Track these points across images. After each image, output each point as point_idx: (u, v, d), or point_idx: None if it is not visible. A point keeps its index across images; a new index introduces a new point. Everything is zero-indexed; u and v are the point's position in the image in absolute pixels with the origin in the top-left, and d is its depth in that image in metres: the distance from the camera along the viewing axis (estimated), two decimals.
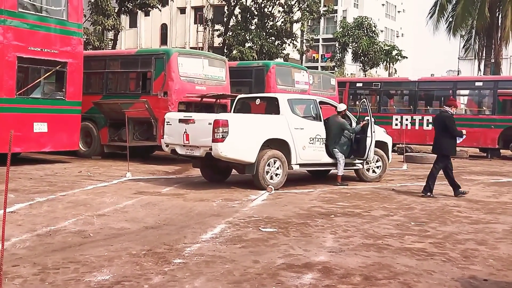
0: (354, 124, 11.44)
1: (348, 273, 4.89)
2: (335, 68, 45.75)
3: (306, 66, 26.47)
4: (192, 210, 7.74)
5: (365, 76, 43.10)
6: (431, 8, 33.64)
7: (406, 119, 21.41)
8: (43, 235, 5.99)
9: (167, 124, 10.42)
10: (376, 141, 11.80)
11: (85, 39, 22.32)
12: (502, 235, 6.76)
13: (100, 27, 26.02)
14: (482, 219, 7.84)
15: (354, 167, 11.66)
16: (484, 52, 33.26)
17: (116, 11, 27.09)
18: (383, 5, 66.21)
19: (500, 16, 31.36)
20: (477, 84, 22.07)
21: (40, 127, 12.52)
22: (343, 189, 10.46)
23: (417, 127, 21.15)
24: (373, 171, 11.90)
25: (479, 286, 4.70)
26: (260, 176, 9.82)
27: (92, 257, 5.13)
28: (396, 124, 21.39)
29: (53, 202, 8.02)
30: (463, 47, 36.71)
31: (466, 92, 22.87)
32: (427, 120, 20.98)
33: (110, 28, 26.44)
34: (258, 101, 11.55)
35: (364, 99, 19.02)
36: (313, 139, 10.62)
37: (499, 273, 5.09)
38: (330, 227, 6.86)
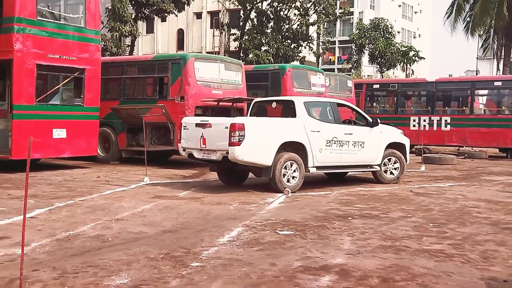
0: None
1: (365, 275, 4.87)
2: (352, 70, 45.63)
3: (322, 69, 26.43)
4: (209, 214, 7.77)
5: (382, 77, 42.87)
6: (448, 8, 33.43)
7: (424, 120, 21.27)
8: (63, 239, 6.06)
9: (184, 129, 10.48)
10: (394, 143, 11.78)
11: (102, 46, 22.58)
12: None
13: (117, 34, 26.28)
14: (502, 220, 7.75)
15: (372, 169, 11.61)
16: (503, 51, 32.91)
17: (133, 17, 27.35)
18: (399, 6, 65.85)
19: None
20: (496, 84, 21.86)
21: (59, 133, 12.67)
22: (360, 191, 10.42)
23: (435, 128, 20.99)
24: (391, 173, 11.83)
25: (498, 287, 4.65)
26: (277, 179, 9.82)
27: (110, 261, 5.18)
28: (414, 125, 21.27)
29: (72, 207, 8.11)
30: (481, 46, 36.39)
31: (485, 92, 22.68)
32: (445, 120, 20.85)
33: (127, 34, 26.68)
34: (274, 105, 11.56)
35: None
36: (330, 142, 10.60)
37: None
38: (347, 229, 6.83)
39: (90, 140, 13.44)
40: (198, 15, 47.03)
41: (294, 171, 10.09)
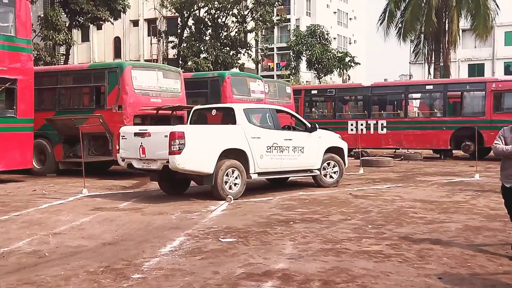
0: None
1: (307, 279, 4.94)
2: (291, 76, 46.21)
3: (261, 75, 26.63)
4: (150, 224, 7.67)
5: (320, 83, 43.66)
6: (381, 15, 34.48)
7: (361, 124, 21.79)
8: None
9: (122, 138, 10.30)
10: (332, 147, 12.01)
11: (35, 55, 21.90)
12: (456, 234, 6.96)
13: (51, 42, 25.53)
14: (436, 219, 8.05)
15: (312, 174, 11.79)
16: (433, 56, 34.21)
17: (67, 25, 26.67)
18: (334, 13, 67.30)
19: (447, 21, 32.37)
20: (427, 87, 22.71)
21: None
22: (301, 196, 10.56)
23: (372, 131, 21.54)
24: (331, 177, 12.05)
25: (434, 284, 4.83)
26: (219, 186, 9.81)
27: (48, 277, 5.02)
28: (352, 129, 21.74)
29: (6, 222, 7.81)
30: (413, 51, 37.68)
31: (418, 95, 23.49)
32: (381, 124, 21.43)
33: (61, 43, 25.99)
34: (214, 112, 11.56)
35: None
36: (270, 148, 10.69)
37: (453, 271, 5.24)
38: (289, 234, 6.91)
39: (24, 152, 13.00)
40: (135, 23, 46.38)
41: (236, 178, 10.11)
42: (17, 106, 12.83)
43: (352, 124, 21.98)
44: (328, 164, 11.95)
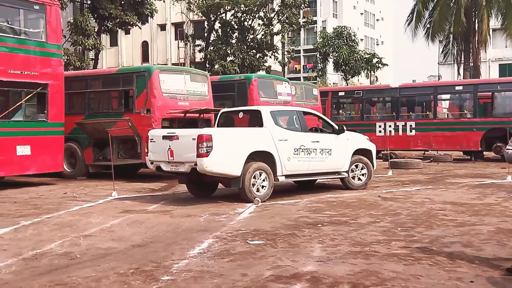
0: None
1: (336, 282, 4.91)
2: (317, 78, 46.06)
3: (288, 78, 26.64)
4: (179, 226, 7.72)
5: (347, 84, 43.41)
6: (409, 16, 34.16)
7: (389, 126, 21.59)
8: (29, 258, 5.93)
9: (151, 141, 10.41)
10: (361, 149, 11.93)
11: (65, 60, 22.27)
12: (488, 237, 6.83)
13: (80, 47, 25.97)
14: (467, 221, 7.92)
15: (340, 176, 11.72)
16: (462, 56, 33.71)
17: (96, 30, 27.08)
18: (361, 14, 66.89)
19: (476, 20, 31.88)
20: (457, 88, 22.37)
21: (23, 150, 12.43)
22: (329, 198, 10.51)
23: (400, 133, 21.33)
24: (359, 179, 11.96)
25: None
26: (246, 189, 9.83)
27: (79, 278, 5.10)
28: (380, 131, 21.57)
29: (38, 225, 7.95)
30: (442, 52, 37.20)
31: (447, 96, 23.17)
32: (410, 126, 21.21)
33: (90, 47, 26.40)
34: (241, 115, 11.59)
35: None
36: (297, 150, 10.66)
37: (485, 274, 5.14)
38: (317, 237, 6.88)
39: (55, 156, 13.23)
40: (162, 27, 46.83)
41: (263, 180, 10.12)
42: (48, 111, 13.06)
43: (380, 126, 21.80)
44: (356, 166, 11.86)
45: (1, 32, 12.20)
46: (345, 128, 11.72)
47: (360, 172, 11.94)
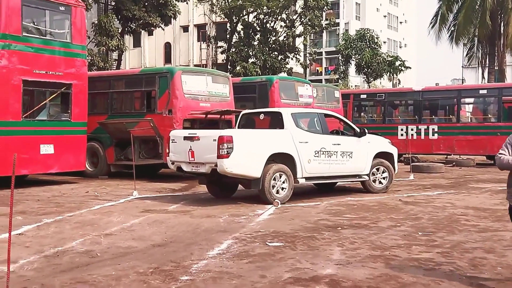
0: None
1: (355, 285, 4.87)
2: (339, 80, 45.89)
3: (309, 80, 26.54)
4: (199, 227, 7.75)
5: (369, 87, 43.16)
6: (432, 18, 33.77)
7: (412, 129, 21.41)
8: (51, 256, 6.01)
9: (172, 142, 10.47)
10: (382, 152, 11.84)
11: (89, 60, 22.52)
12: (511, 243, 6.73)
13: (104, 48, 26.24)
14: (490, 227, 7.81)
15: (360, 179, 11.65)
16: (487, 59, 33.26)
17: (119, 31, 27.35)
18: (384, 16, 66.48)
19: (502, 23, 31.43)
20: (481, 92, 22.09)
21: (47, 149, 12.61)
22: (349, 201, 10.45)
23: (422, 136, 21.12)
24: (380, 182, 11.88)
25: None
26: (266, 190, 9.83)
27: (99, 276, 5.14)
28: (402, 135, 21.40)
29: (60, 223, 8.05)
30: (466, 55, 36.78)
31: (471, 100, 22.88)
32: (433, 129, 21.00)
33: (114, 48, 26.66)
34: (262, 116, 11.58)
35: None
36: (318, 152, 10.63)
37: (507, 281, 5.06)
38: (337, 240, 6.85)
39: (78, 155, 13.38)
40: (185, 29, 47.11)
41: (283, 182, 10.10)
42: (72, 110, 13.22)
43: (402, 129, 21.63)
44: (377, 169, 11.78)
45: (27, 32, 12.39)
46: (366, 131, 11.65)
47: (381, 175, 11.85)
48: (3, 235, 6.98)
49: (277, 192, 10.02)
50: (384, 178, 11.88)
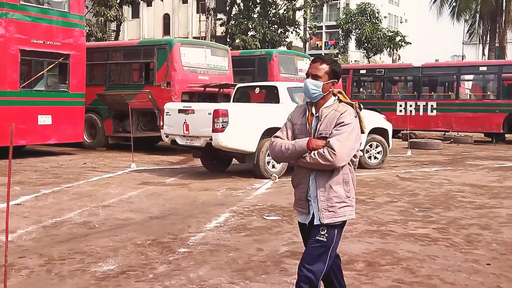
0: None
1: (351, 260, 4.92)
2: (339, 55, 45.61)
3: (309, 54, 26.38)
4: (196, 200, 7.78)
5: (369, 62, 42.94)
6: None
7: (410, 105, 21.36)
8: (49, 226, 6.04)
9: (166, 115, 10.39)
10: (376, 128, 11.84)
11: (87, 31, 22.35)
12: (506, 220, 6.77)
13: (102, 18, 26.01)
14: (486, 204, 7.85)
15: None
16: (488, 36, 33.07)
17: (118, 2, 27.04)
18: None
19: (504, 0, 31.15)
20: (481, 69, 22.00)
21: (44, 120, 12.57)
22: None
23: (421, 113, 21.09)
24: (375, 157, 11.92)
25: (482, 270, 4.72)
26: (261, 165, 9.84)
27: (97, 247, 5.18)
28: (400, 111, 21.35)
29: (58, 194, 8.08)
30: (467, 31, 36.56)
31: (471, 77, 22.81)
32: (431, 106, 20.96)
33: (112, 19, 26.43)
34: (257, 90, 11.53)
35: None
36: None
37: (502, 257, 5.11)
38: None
39: (76, 126, 13.35)
40: (184, 0, 46.66)
41: None
42: (70, 81, 13.15)
43: (401, 105, 21.58)
44: (371, 146, 11.81)
45: (24, 1, 12.23)
46: (361, 106, 11.59)
47: (376, 150, 11.88)
48: (1, 205, 7.01)
49: (273, 166, 10.02)
50: (378, 152, 11.91)
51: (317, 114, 3.23)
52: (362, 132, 3.30)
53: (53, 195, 7.96)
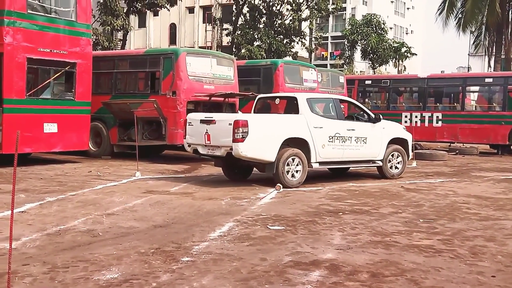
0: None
1: (355, 270, 4.89)
2: (344, 65, 45.66)
3: (315, 64, 26.44)
4: (200, 209, 7.78)
5: (374, 73, 42.96)
6: (440, 5, 33.46)
7: (416, 116, 21.36)
8: (53, 234, 6.04)
9: (189, 125, 10.54)
10: (396, 138, 11.92)
11: (94, 40, 22.48)
12: (511, 232, 6.73)
13: (109, 28, 26.15)
14: (491, 215, 7.81)
15: (375, 164, 11.70)
16: (494, 48, 33.01)
17: (125, 11, 27.22)
18: (392, 2, 65.95)
19: (510, 12, 31.13)
20: (487, 80, 22.00)
21: (50, 128, 12.62)
22: (351, 187, 10.46)
23: (426, 124, 21.08)
24: (396, 167, 11.95)
25: (486, 282, 4.69)
26: (280, 174, 9.89)
27: (101, 255, 5.17)
28: (406, 121, 21.33)
29: (63, 201, 8.09)
30: (473, 43, 36.50)
31: (476, 88, 22.78)
32: (437, 117, 20.94)
33: (119, 28, 26.58)
34: (277, 101, 11.70)
35: None
36: (332, 138, 10.66)
37: (507, 269, 5.07)
38: (338, 225, 6.86)
39: (81, 134, 13.40)
40: (191, 10, 46.89)
41: (297, 166, 10.15)
42: (76, 89, 13.21)
43: (406, 116, 21.58)
44: (393, 155, 11.84)
45: (32, 10, 12.32)
46: (381, 117, 11.68)
47: (397, 161, 11.93)
48: (6, 213, 7.02)
49: (292, 176, 10.07)
50: (399, 162, 11.97)
51: None
52: None
53: (58, 203, 7.97)
